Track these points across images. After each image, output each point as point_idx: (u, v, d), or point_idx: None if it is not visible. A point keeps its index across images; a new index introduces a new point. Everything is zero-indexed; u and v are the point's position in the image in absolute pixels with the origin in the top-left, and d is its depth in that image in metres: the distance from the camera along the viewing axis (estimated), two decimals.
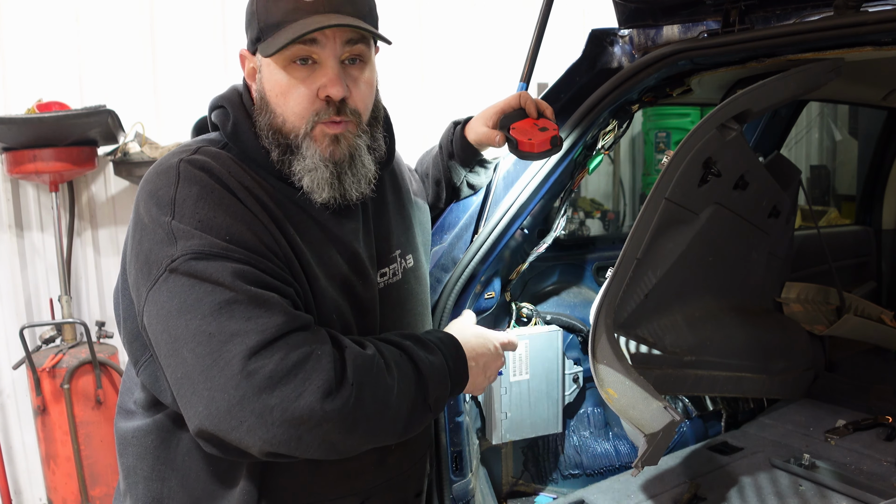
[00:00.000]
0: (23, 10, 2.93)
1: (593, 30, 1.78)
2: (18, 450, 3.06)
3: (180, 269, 0.94)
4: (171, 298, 0.94)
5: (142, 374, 1.09)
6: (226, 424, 0.91)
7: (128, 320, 1.09)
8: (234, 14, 3.31)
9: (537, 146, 1.40)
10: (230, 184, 1.03)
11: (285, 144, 1.09)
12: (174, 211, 0.98)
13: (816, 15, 1.42)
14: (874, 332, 2.58)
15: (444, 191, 1.61)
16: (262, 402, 0.90)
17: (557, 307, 2.12)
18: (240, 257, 0.97)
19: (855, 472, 1.87)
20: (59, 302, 2.96)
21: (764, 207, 2.09)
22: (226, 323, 0.92)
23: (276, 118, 1.09)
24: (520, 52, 1.76)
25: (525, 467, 2.14)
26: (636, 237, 1.47)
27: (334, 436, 0.95)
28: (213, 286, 0.93)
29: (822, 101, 3.70)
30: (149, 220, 1.00)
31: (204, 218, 0.98)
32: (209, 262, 0.95)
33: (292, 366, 0.92)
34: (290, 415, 0.91)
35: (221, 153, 1.08)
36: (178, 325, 0.93)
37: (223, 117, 1.15)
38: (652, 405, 1.24)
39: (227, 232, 0.98)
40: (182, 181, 1.01)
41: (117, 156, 2.93)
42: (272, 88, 1.09)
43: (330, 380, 0.94)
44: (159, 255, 0.97)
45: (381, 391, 1.00)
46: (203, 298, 0.93)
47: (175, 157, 1.05)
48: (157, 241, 0.98)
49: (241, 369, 0.90)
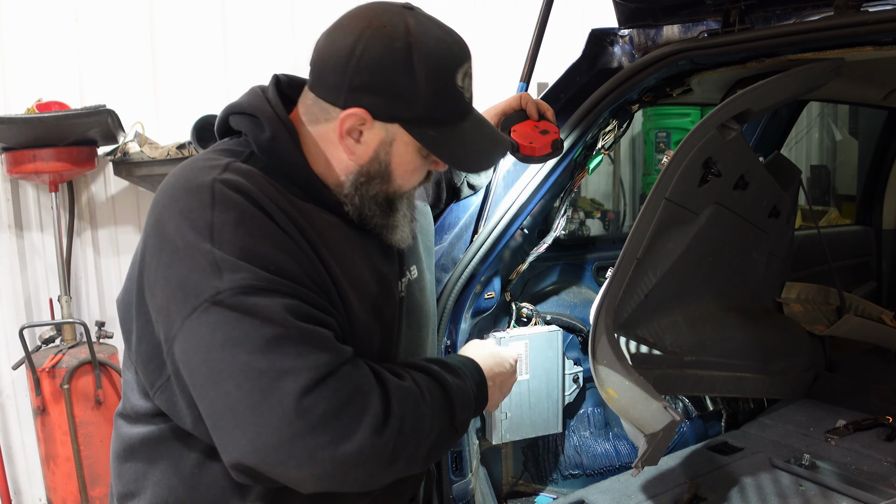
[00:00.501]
0: (23, 10, 2.93)
1: (593, 30, 1.78)
2: (18, 450, 3.05)
3: (227, 303, 0.92)
4: (214, 331, 0.92)
5: (157, 398, 1.06)
6: (272, 460, 0.90)
7: (143, 340, 1.04)
8: (234, 14, 3.31)
9: (538, 150, 1.40)
10: (268, 208, 1.00)
11: (387, 205, 1.13)
12: (212, 237, 0.94)
13: (816, 15, 1.43)
14: (874, 332, 2.58)
15: (444, 191, 1.60)
16: (315, 440, 0.90)
17: (557, 307, 2.12)
18: (287, 290, 0.95)
19: (855, 472, 1.87)
20: (59, 302, 2.96)
21: (764, 207, 2.09)
22: (276, 359, 0.91)
23: (392, 188, 1.12)
24: (520, 52, 1.76)
25: (525, 467, 2.14)
26: (636, 237, 1.47)
27: (377, 470, 0.96)
28: (262, 321, 0.92)
29: (822, 101, 3.70)
30: (183, 243, 0.95)
31: (246, 246, 0.95)
32: (258, 298, 0.93)
33: (343, 404, 0.92)
34: (341, 452, 0.91)
35: (253, 171, 1.05)
36: (223, 359, 0.91)
37: (254, 127, 1.09)
38: (652, 405, 1.24)
39: (271, 262, 0.96)
40: (218, 204, 0.97)
41: (117, 156, 2.92)
42: (402, 165, 1.10)
43: (378, 416, 0.95)
44: (200, 284, 0.93)
45: (420, 421, 1.02)
46: (251, 333, 0.91)
47: (206, 175, 1.01)
48: (195, 268, 0.94)
49: (294, 407, 0.89)
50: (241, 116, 1.12)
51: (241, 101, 1.13)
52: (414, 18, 1.07)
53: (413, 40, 1.03)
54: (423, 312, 1.34)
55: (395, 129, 1.07)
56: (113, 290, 3.21)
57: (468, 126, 1.11)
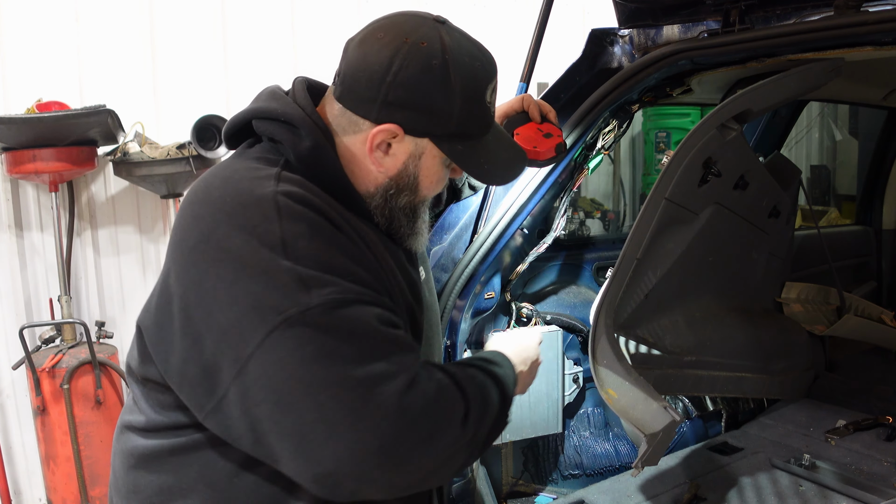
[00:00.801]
0: (23, 10, 2.93)
1: (593, 30, 1.78)
2: (18, 450, 3.05)
3: (316, 318, 0.91)
4: (304, 346, 0.91)
5: (208, 420, 1.00)
6: (370, 464, 0.91)
7: (189, 362, 0.98)
8: (234, 14, 3.31)
9: (543, 154, 1.40)
10: (333, 218, 1.00)
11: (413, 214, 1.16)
12: (286, 252, 0.93)
13: (816, 15, 1.43)
14: (874, 332, 2.58)
15: (445, 192, 1.60)
16: (415, 436, 0.93)
17: (557, 307, 2.12)
18: (369, 299, 0.97)
19: (855, 472, 1.87)
20: (59, 302, 2.96)
21: (764, 207, 2.09)
22: (372, 367, 0.92)
23: (419, 198, 1.13)
24: (520, 52, 1.76)
25: (525, 467, 2.14)
26: (636, 237, 1.47)
27: (462, 458, 1.02)
28: (352, 333, 0.93)
29: (822, 101, 3.70)
30: (253, 260, 0.93)
31: (323, 259, 0.95)
32: (347, 310, 0.93)
33: (434, 399, 0.97)
34: (438, 446, 0.96)
35: (307, 183, 1.03)
36: (315, 372, 0.90)
37: (292, 136, 1.06)
38: (652, 405, 1.24)
39: (350, 273, 0.96)
40: (285, 217, 0.95)
41: (117, 156, 2.92)
42: (429, 176, 1.12)
43: (461, 407, 1.01)
44: (281, 301, 0.91)
45: (487, 408, 1.07)
46: (343, 345, 0.92)
47: (262, 187, 0.98)
48: (273, 285, 0.91)
49: (396, 409, 0.91)
50: (271, 122, 1.08)
51: (271, 105, 1.08)
52: (448, 34, 1.06)
53: (450, 58, 1.04)
54: (433, 312, 1.36)
55: (425, 143, 1.08)
56: (113, 290, 3.21)
57: (490, 139, 1.13)
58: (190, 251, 0.98)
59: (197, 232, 0.98)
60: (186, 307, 0.97)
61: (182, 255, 0.99)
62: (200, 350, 0.96)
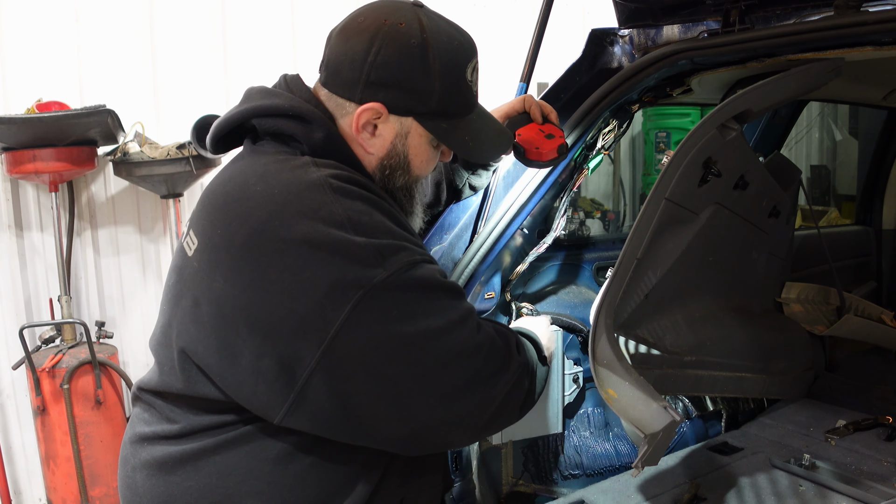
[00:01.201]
0: (23, 10, 2.93)
1: (593, 30, 1.78)
2: (18, 450, 3.05)
3: (394, 283, 0.97)
4: (388, 311, 0.97)
5: (289, 418, 0.98)
6: (461, 403, 1.03)
7: (263, 357, 0.96)
8: (234, 14, 3.31)
9: (545, 155, 1.40)
10: (379, 193, 1.08)
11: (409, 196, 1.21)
12: (354, 227, 0.96)
13: (816, 15, 1.43)
14: (874, 332, 2.58)
15: (444, 192, 1.60)
16: (490, 369, 1.07)
17: (557, 307, 2.12)
18: (429, 259, 1.06)
19: (855, 472, 1.87)
20: (59, 302, 2.96)
21: (764, 207, 2.09)
22: (446, 317, 1.02)
23: (411, 179, 1.17)
24: (520, 52, 1.76)
25: (525, 467, 2.14)
26: (636, 237, 1.47)
27: (528, 390, 1.19)
28: (425, 289, 1.02)
29: (822, 101, 3.70)
30: (322, 241, 0.94)
31: (388, 229, 1.01)
32: (418, 270, 1.01)
33: (496, 333, 1.11)
34: (511, 369, 1.10)
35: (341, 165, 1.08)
36: (402, 333, 0.97)
37: (304, 129, 1.07)
38: (652, 405, 1.24)
39: (409, 239, 1.05)
40: (342, 198, 0.98)
41: (117, 156, 2.92)
42: (419, 156, 1.15)
43: (513, 337, 1.18)
44: (361, 274, 0.94)
45: (527, 346, 1.25)
46: (421, 302, 1.01)
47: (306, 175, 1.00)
48: (350, 262, 0.94)
49: (474, 347, 1.05)
50: (277, 119, 1.08)
51: (274, 102, 1.08)
52: (426, 16, 1.09)
53: (428, 37, 1.06)
54: None
55: (410, 122, 1.10)
56: (113, 290, 3.21)
57: (475, 118, 1.16)
58: (239, 249, 0.97)
59: (246, 228, 0.97)
60: (248, 305, 0.96)
61: (230, 255, 0.98)
62: (273, 344, 0.96)
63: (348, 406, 0.98)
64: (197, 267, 1.02)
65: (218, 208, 1.03)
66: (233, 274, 0.97)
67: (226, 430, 1.04)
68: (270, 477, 1.03)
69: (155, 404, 1.11)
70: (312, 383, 0.96)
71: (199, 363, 1.02)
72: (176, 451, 1.06)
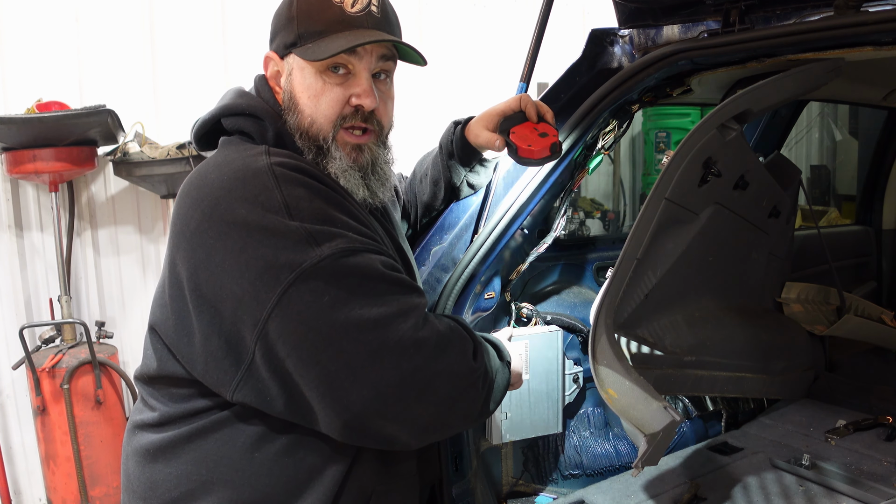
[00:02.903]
0: (23, 10, 2.93)
1: (593, 30, 1.78)
2: (18, 450, 3.05)
3: (327, 268, 0.97)
4: (320, 296, 0.96)
5: (239, 393, 1.03)
6: (394, 398, 0.98)
7: (211, 337, 1.02)
8: (234, 14, 3.31)
9: (537, 153, 1.41)
10: (326, 181, 1.07)
11: (317, 147, 1.13)
12: (290, 213, 0.98)
13: (816, 15, 1.42)
14: (874, 332, 2.57)
15: (442, 191, 1.60)
16: (433, 368, 1.00)
17: (557, 307, 2.12)
18: (373, 248, 1.03)
19: (855, 472, 1.87)
20: (59, 302, 2.96)
21: (764, 207, 2.09)
22: (385, 308, 0.98)
23: (304, 119, 1.13)
24: (520, 52, 1.76)
25: (525, 467, 2.14)
26: (636, 237, 1.47)
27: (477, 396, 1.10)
28: (363, 278, 0.99)
29: (822, 101, 3.70)
30: (259, 225, 0.97)
31: (327, 216, 1.01)
32: (356, 258, 0.99)
33: (445, 333, 1.03)
34: (455, 375, 1.03)
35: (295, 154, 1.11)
36: (334, 320, 0.96)
37: (259, 127, 1.14)
38: (652, 405, 1.24)
39: (350, 226, 1.02)
40: (283, 184, 1.01)
41: (117, 156, 2.93)
42: (304, 91, 1.12)
43: (470, 342, 1.09)
44: (292, 258, 0.96)
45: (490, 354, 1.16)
46: (356, 291, 0.97)
47: (255, 162, 1.04)
48: (283, 245, 0.96)
49: (412, 343, 0.98)
50: (239, 118, 1.15)
51: (237, 102, 1.16)
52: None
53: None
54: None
55: (292, 59, 1.13)
56: (113, 290, 3.21)
57: (350, 34, 1.09)
58: (192, 233, 1.02)
59: (198, 213, 1.02)
60: (198, 286, 1.01)
61: (185, 239, 1.03)
62: (220, 323, 1.00)
63: (287, 388, 1.00)
64: (166, 253, 1.10)
65: (181, 197, 1.08)
66: (187, 256, 1.03)
67: (199, 418, 1.09)
68: (240, 465, 1.07)
69: (142, 392, 1.18)
70: (255, 363, 1.00)
71: (166, 341, 1.09)
72: (156, 438, 1.11)
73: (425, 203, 1.64)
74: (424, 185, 1.62)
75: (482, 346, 1.13)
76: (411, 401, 0.99)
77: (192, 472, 1.08)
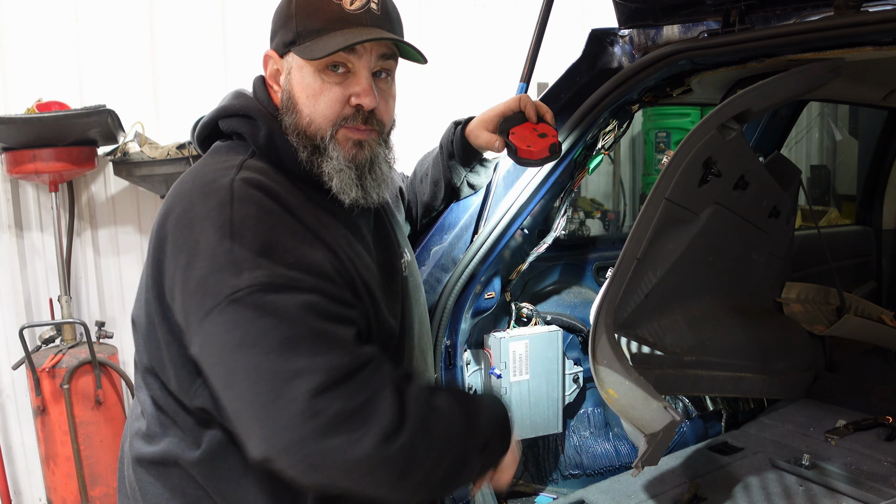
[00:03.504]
0: (23, 10, 2.93)
1: (593, 30, 1.78)
2: (18, 450, 3.05)
3: (244, 301, 0.91)
4: (230, 331, 0.91)
5: (197, 399, 1.04)
6: (286, 461, 0.91)
7: (171, 346, 1.03)
8: (234, 14, 3.30)
9: (536, 153, 1.41)
10: (287, 202, 1.02)
11: (313, 146, 1.10)
12: (233, 234, 0.94)
13: (816, 15, 1.42)
14: (874, 332, 2.58)
15: (443, 191, 1.60)
16: (322, 445, 0.89)
17: (557, 307, 2.12)
18: (307, 286, 0.95)
19: (855, 472, 1.87)
20: (59, 302, 2.96)
21: (764, 207, 2.09)
22: (291, 360, 0.90)
23: (303, 119, 1.11)
24: (520, 52, 1.76)
25: (525, 467, 2.14)
26: (636, 237, 1.47)
27: (387, 480, 0.94)
28: (279, 320, 0.91)
29: (822, 101, 3.70)
30: (204, 243, 0.95)
31: (267, 241, 0.95)
32: (277, 295, 0.92)
33: (356, 408, 0.90)
34: (351, 458, 0.90)
35: (266, 167, 1.07)
36: (237, 360, 0.91)
37: (251, 128, 1.12)
38: (652, 405, 1.24)
39: (293, 256, 0.96)
40: (237, 201, 0.98)
41: (117, 156, 2.92)
42: (303, 90, 1.10)
43: (389, 425, 0.92)
44: (218, 283, 0.92)
45: (437, 440, 0.98)
46: (267, 333, 0.91)
47: (224, 176, 1.02)
48: (215, 268, 0.93)
49: (305, 408, 0.88)
50: (234, 119, 1.15)
51: (233, 103, 1.16)
52: None
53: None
54: (421, 292, 1.40)
55: (291, 58, 1.11)
56: (113, 290, 3.21)
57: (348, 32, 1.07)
58: (158, 240, 1.03)
59: (165, 222, 1.03)
60: (159, 295, 1.03)
61: (153, 245, 1.04)
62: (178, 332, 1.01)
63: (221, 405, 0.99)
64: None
65: (165, 199, 1.10)
66: (151, 261, 1.04)
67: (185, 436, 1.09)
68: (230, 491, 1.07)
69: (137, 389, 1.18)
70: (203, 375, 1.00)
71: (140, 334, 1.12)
72: (147, 451, 1.13)
73: (425, 203, 1.64)
74: (425, 186, 1.62)
75: (414, 428, 0.94)
76: (305, 468, 0.91)
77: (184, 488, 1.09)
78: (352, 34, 1.06)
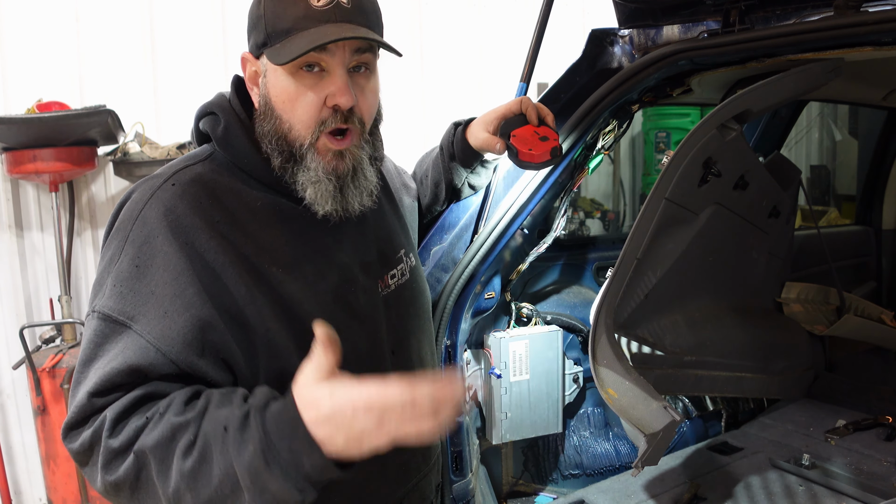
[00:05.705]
0: (23, 10, 2.93)
1: (593, 30, 1.78)
2: (18, 450, 3.06)
3: (91, 323, 1.02)
4: (82, 346, 1.03)
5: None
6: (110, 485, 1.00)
7: None
8: (234, 14, 3.31)
9: (537, 157, 1.41)
10: (197, 238, 1.02)
11: (289, 153, 1.08)
12: (123, 249, 1.02)
13: (816, 15, 1.42)
14: (874, 332, 2.58)
15: (444, 192, 1.60)
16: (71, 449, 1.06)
17: (557, 307, 2.12)
18: (139, 330, 0.98)
19: (855, 472, 1.87)
20: (59, 302, 2.96)
21: (764, 207, 2.09)
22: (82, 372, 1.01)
23: (283, 125, 1.08)
24: (520, 53, 1.76)
25: (525, 467, 2.14)
26: (636, 237, 1.47)
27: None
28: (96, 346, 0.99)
29: (822, 101, 3.70)
30: (107, 254, 1.05)
31: (131, 269, 1.01)
32: (103, 323, 1.00)
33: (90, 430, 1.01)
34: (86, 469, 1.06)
35: (200, 177, 1.08)
36: (76, 373, 1.04)
37: (213, 123, 1.14)
38: (652, 405, 1.24)
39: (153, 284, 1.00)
40: (140, 221, 1.03)
41: (117, 156, 2.93)
42: (278, 95, 1.08)
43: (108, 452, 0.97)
44: (94, 291, 1.05)
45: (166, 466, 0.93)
46: (95, 354, 1.00)
47: (150, 189, 1.07)
48: (99, 286, 1.04)
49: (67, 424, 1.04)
50: (207, 117, 1.19)
51: (206, 102, 1.20)
52: None
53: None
54: (425, 298, 1.37)
55: (265, 60, 1.10)
56: None
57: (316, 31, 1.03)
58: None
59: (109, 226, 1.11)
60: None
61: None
62: None
63: None
64: None
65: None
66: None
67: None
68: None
69: None
70: None
71: None
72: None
73: (426, 204, 1.64)
74: (425, 187, 1.62)
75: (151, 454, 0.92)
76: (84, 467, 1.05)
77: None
78: (319, 33, 1.02)
